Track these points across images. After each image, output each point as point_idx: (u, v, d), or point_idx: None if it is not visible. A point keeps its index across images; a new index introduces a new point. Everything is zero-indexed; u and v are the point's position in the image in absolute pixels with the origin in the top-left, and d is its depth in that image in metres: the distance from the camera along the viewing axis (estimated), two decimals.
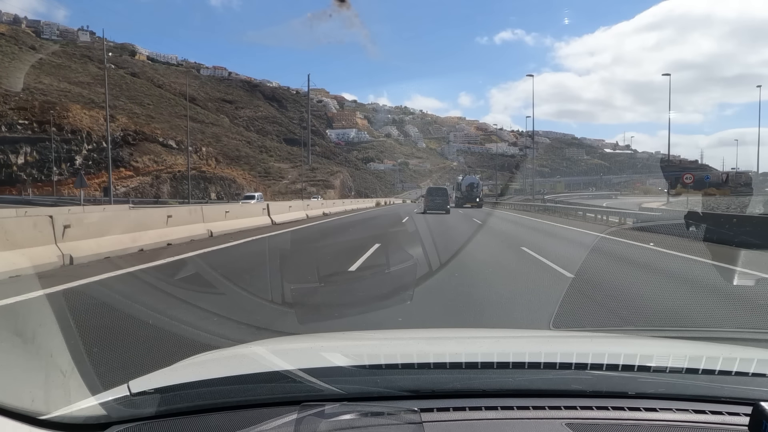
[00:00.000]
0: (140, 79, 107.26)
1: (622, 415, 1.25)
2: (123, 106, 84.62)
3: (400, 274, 7.87)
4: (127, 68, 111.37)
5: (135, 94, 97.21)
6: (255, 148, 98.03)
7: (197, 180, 61.43)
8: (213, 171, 68.11)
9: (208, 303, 5.42)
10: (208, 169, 68.47)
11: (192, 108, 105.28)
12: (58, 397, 1.44)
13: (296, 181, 79.34)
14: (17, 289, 5.85)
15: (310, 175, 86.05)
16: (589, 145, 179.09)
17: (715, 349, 2.05)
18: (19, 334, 2.52)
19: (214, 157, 78.14)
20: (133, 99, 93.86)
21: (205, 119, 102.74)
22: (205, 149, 79.16)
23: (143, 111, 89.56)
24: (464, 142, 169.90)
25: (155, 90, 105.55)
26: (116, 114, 67.50)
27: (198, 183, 61.85)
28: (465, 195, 49.04)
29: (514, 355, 1.58)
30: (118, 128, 62.63)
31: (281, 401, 1.28)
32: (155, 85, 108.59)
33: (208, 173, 66.06)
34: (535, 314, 5.31)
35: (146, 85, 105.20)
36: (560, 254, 10.59)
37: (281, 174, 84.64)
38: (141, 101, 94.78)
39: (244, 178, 72.25)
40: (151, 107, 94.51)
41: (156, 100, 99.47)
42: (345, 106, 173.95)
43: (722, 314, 5.49)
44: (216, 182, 65.24)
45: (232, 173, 71.18)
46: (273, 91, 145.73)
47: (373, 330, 3.93)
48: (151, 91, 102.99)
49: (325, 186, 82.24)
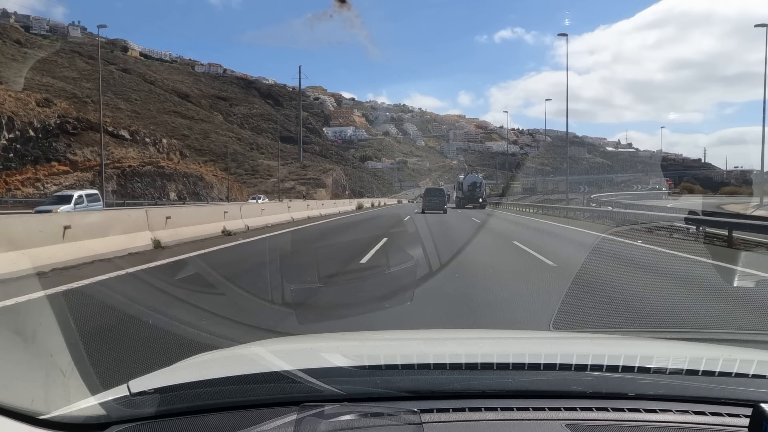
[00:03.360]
0: (130, 75, 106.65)
1: (622, 416, 1.25)
2: (107, 101, 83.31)
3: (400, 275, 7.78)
4: (118, 64, 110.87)
5: (123, 89, 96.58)
6: (245, 144, 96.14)
7: (153, 177, 53.57)
8: (174, 166, 58.73)
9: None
10: (169, 164, 59.00)
11: (184, 105, 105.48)
12: (58, 397, 1.44)
13: (285, 180, 75.76)
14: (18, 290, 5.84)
15: (301, 173, 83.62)
16: (591, 143, 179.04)
17: (715, 351, 2.05)
18: (18, 334, 2.52)
19: (178, 151, 69.91)
20: (119, 94, 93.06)
21: (195, 115, 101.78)
22: (166, 141, 68.80)
23: (128, 106, 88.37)
24: (464, 140, 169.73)
25: (145, 86, 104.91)
26: (54, 98, 59.13)
27: (154, 180, 53.56)
28: (467, 195, 46.79)
29: (514, 356, 1.58)
30: (54, 114, 52.14)
31: (281, 401, 1.28)
32: (146, 81, 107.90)
33: (167, 169, 56.41)
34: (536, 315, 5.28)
35: (135, 81, 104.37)
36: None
37: (270, 172, 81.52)
38: (128, 97, 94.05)
39: (215, 175, 64.96)
40: (138, 102, 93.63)
41: (144, 96, 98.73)
42: (343, 103, 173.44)
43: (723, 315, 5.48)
44: (177, 179, 56.30)
45: (199, 169, 62.98)
46: (269, 89, 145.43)
47: (373, 330, 3.92)
48: (140, 87, 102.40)
49: (316, 184, 78.50)
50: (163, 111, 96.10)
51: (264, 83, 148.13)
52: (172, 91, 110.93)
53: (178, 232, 12.01)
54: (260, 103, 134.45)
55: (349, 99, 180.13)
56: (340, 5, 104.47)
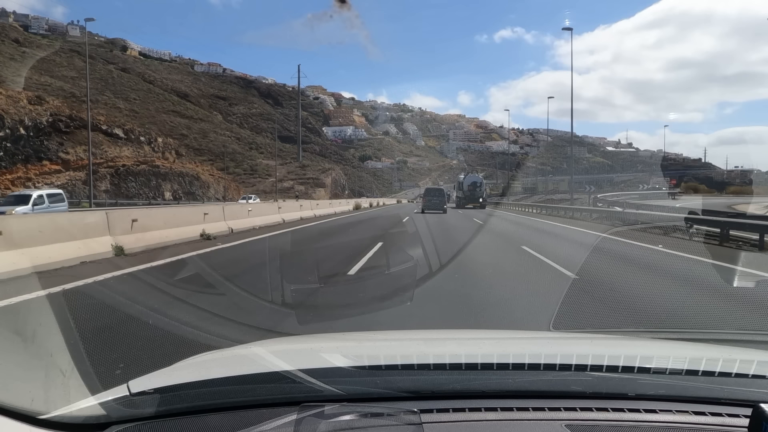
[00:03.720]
0: (129, 75, 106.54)
1: (621, 416, 1.25)
2: (106, 100, 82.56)
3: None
4: (117, 63, 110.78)
5: (121, 88, 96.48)
6: (244, 144, 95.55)
7: (148, 176, 51.91)
8: (170, 166, 56.92)
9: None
10: (164, 163, 57.07)
11: (183, 104, 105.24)
12: (58, 397, 1.45)
13: (284, 179, 74.65)
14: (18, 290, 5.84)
15: (300, 173, 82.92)
16: (591, 143, 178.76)
17: (715, 351, 2.05)
18: (19, 334, 2.52)
19: (174, 150, 67.93)
20: (118, 94, 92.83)
21: (194, 115, 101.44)
22: (162, 140, 66.97)
23: (127, 105, 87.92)
24: (464, 140, 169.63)
25: (144, 85, 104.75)
26: (47, 95, 57.39)
27: (149, 180, 51.78)
28: (467, 195, 46.51)
29: (514, 356, 1.58)
30: (46, 112, 50.75)
31: (281, 402, 1.28)
32: (145, 80, 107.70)
33: (163, 168, 54.55)
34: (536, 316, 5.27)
35: (134, 80, 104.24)
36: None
37: (268, 171, 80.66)
38: (126, 96, 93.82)
39: (211, 175, 63.32)
40: (137, 102, 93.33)
41: (143, 95, 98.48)
42: (342, 103, 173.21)
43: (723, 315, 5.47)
44: (173, 179, 54.59)
45: (195, 169, 61.27)
46: (269, 88, 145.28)
47: (373, 331, 3.93)
48: (138, 86, 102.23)
49: (315, 184, 77.50)
50: (162, 110, 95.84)
51: (263, 83, 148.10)
52: (171, 90, 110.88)
53: (146, 237, 10.77)
54: (260, 102, 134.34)
55: (349, 99, 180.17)
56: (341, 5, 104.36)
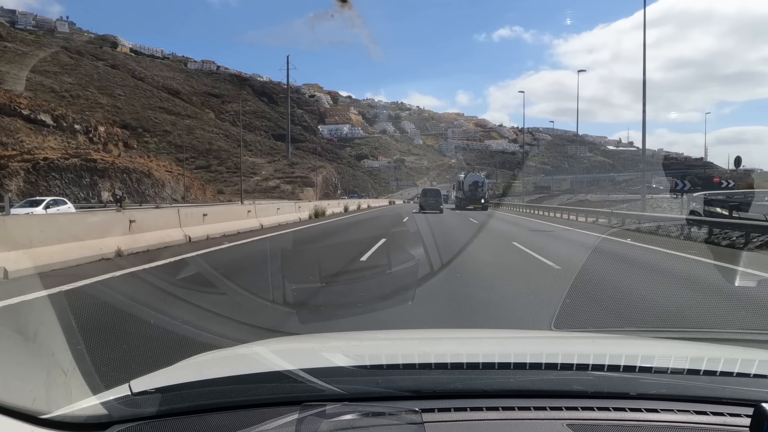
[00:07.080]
0: (117, 71, 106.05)
1: (623, 416, 1.25)
2: (89, 96, 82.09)
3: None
4: (107, 60, 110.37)
5: (107, 84, 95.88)
6: (233, 141, 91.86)
7: (79, 172, 43.64)
8: (112, 160, 48.46)
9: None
10: (104, 156, 48.85)
11: (172, 101, 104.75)
12: (60, 397, 1.45)
13: (269, 178, 70.54)
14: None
15: (287, 171, 78.20)
16: (591, 142, 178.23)
17: (716, 350, 2.05)
18: (20, 333, 2.52)
19: (121, 141, 58.13)
20: (103, 89, 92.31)
21: (182, 112, 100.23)
22: (103, 128, 57.16)
23: (110, 101, 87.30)
24: (462, 138, 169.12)
25: (131, 81, 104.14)
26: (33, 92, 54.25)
27: (80, 176, 43.77)
28: (468, 195, 43.06)
29: (516, 355, 1.58)
30: None
31: (282, 401, 1.28)
32: (134, 77, 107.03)
33: (101, 163, 46.06)
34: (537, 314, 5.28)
35: (122, 76, 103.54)
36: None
37: (254, 169, 77.52)
38: (112, 92, 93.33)
39: (168, 171, 54.37)
40: (122, 98, 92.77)
41: (129, 91, 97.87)
42: (339, 101, 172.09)
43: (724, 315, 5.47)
44: (114, 176, 46.05)
45: (147, 164, 51.89)
46: (263, 86, 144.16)
47: (375, 330, 3.93)
48: (126, 82, 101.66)
49: (303, 183, 71.84)
50: (148, 107, 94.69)
51: (258, 80, 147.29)
52: (162, 87, 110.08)
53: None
54: (254, 100, 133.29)
55: (346, 97, 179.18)
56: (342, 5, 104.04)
